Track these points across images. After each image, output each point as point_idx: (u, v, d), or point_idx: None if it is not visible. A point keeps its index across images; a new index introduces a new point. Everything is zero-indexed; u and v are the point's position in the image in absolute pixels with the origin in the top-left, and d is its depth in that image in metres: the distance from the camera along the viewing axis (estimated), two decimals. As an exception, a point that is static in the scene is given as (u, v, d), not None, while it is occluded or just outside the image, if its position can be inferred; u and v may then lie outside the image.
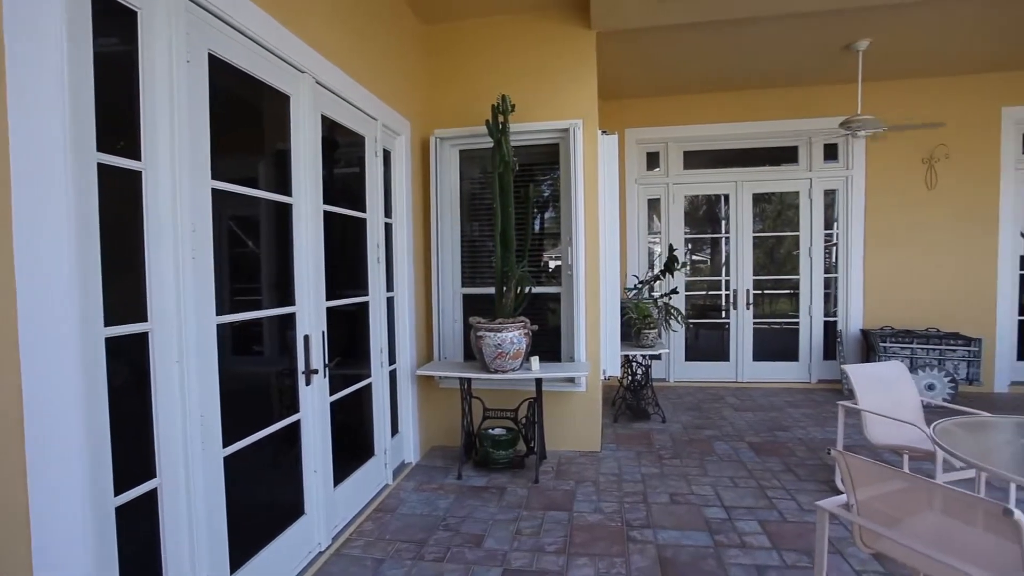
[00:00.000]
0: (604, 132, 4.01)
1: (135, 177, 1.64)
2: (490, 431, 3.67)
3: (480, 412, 3.70)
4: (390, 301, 3.58)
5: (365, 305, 3.21)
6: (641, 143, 5.95)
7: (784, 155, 5.85)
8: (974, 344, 4.91)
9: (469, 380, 3.66)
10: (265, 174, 2.40)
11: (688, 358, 6.01)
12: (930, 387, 4.92)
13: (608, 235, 4.02)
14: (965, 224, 5.51)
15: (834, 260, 5.82)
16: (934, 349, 4.95)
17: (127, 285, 1.66)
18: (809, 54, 4.78)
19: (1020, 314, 5.59)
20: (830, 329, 5.81)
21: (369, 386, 3.24)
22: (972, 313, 5.50)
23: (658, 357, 5.60)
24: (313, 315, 2.51)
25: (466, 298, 4.17)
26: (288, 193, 2.41)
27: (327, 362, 2.62)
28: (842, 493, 1.91)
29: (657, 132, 5.86)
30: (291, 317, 2.43)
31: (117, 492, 1.54)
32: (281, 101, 2.38)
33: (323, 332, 2.59)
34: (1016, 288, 5.55)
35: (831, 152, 5.74)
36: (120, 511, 1.55)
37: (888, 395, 3.14)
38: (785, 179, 5.83)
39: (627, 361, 4.76)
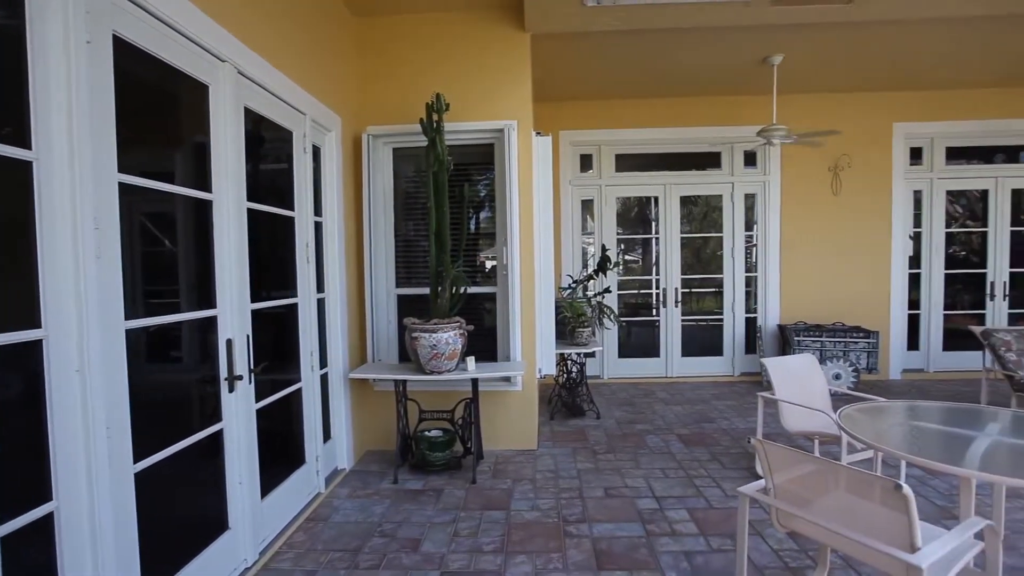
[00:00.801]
0: (539, 133, 4.06)
1: (24, 168, 1.48)
2: (426, 433, 3.62)
3: (416, 414, 3.65)
4: (321, 302, 3.46)
5: (294, 307, 3.08)
6: (575, 145, 6.08)
7: (709, 160, 6.16)
8: (873, 337, 5.37)
9: (404, 382, 3.60)
10: (183, 168, 2.25)
11: (621, 355, 6.21)
12: (837, 376, 5.34)
13: (543, 235, 4.07)
14: (865, 227, 6.03)
15: (754, 260, 6.20)
16: (840, 342, 5.38)
17: (15, 289, 1.49)
18: (730, 66, 5.07)
19: (910, 309, 6.19)
20: (751, 325, 6.18)
21: (299, 391, 3.11)
22: (871, 308, 6.03)
23: (592, 355, 5.74)
24: (237, 318, 2.38)
25: (401, 299, 4.09)
26: (208, 189, 2.26)
27: (252, 367, 2.49)
28: (762, 478, 2.03)
29: (590, 135, 6.01)
30: (212, 320, 2.29)
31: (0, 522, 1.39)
32: (199, 91, 2.24)
33: (248, 336, 2.46)
34: (906, 286, 6.14)
35: (751, 159, 6.10)
36: (5, 542, 1.39)
37: (801, 385, 3.37)
38: (710, 183, 6.15)
39: (562, 359, 4.85)
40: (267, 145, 2.94)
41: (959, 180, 6.21)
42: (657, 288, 6.21)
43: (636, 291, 6.36)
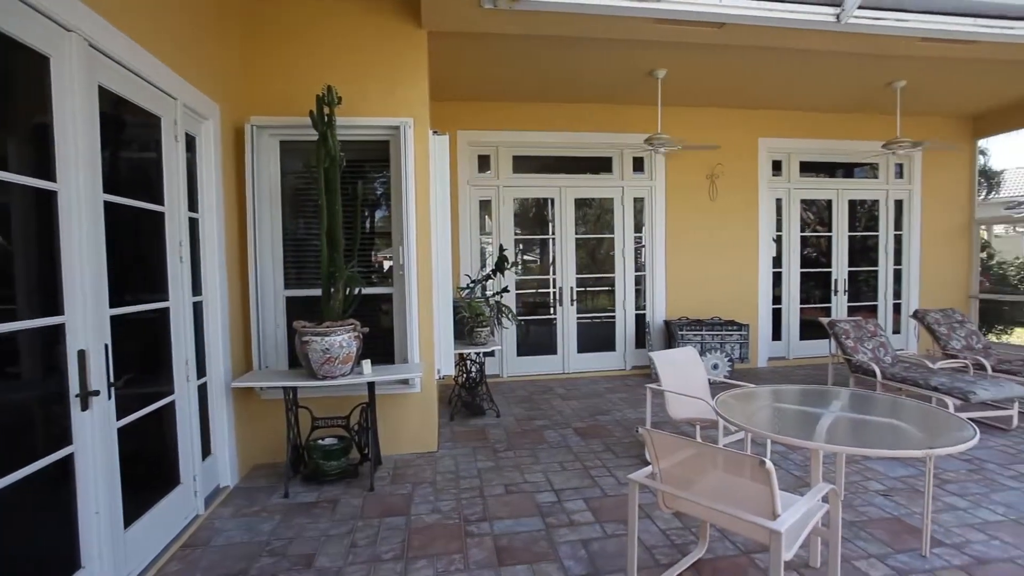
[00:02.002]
0: (436, 132, 4.02)
1: None
2: (320, 442, 3.44)
3: (308, 422, 3.45)
4: (198, 306, 3.16)
5: (165, 311, 2.78)
6: (473, 145, 6.10)
7: (601, 165, 6.47)
8: (744, 329, 5.95)
9: (295, 389, 3.40)
10: (17, 154, 1.94)
11: (520, 353, 6.33)
12: (715, 367, 5.84)
13: (440, 235, 4.04)
14: (736, 230, 6.66)
15: (643, 260, 6.60)
16: (717, 335, 5.89)
17: None
18: (621, 77, 5.36)
19: (774, 304, 6.93)
20: (641, 321, 6.57)
21: (172, 404, 2.82)
22: (743, 304, 6.68)
23: (491, 354, 5.79)
24: (91, 325, 2.10)
25: (291, 301, 3.86)
26: (51, 178, 1.97)
27: (113, 381, 2.21)
28: (650, 465, 2.17)
29: (489, 136, 6.06)
30: (59, 329, 2.00)
31: None
32: (37, 63, 1.94)
33: (106, 345, 2.18)
34: (770, 283, 6.87)
35: (639, 165, 6.50)
36: None
37: (684, 376, 3.65)
38: (602, 187, 6.46)
39: (461, 359, 4.85)
40: (130, 131, 2.63)
41: (810, 191, 7.07)
42: (554, 287, 6.42)
43: (534, 290, 6.52)
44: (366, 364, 3.37)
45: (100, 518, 2.13)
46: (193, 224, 3.11)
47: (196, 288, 3.13)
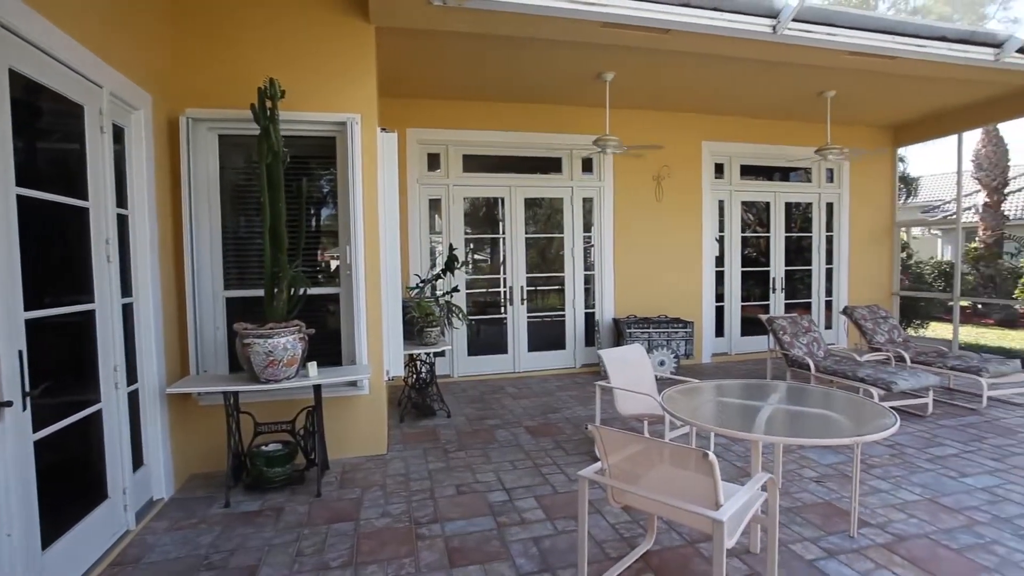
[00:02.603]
0: (384, 129, 3.94)
1: None
2: (263, 448, 3.31)
3: (251, 428, 3.32)
4: (129, 308, 2.98)
5: (90, 314, 2.60)
6: (422, 143, 6.02)
7: (551, 165, 6.53)
8: (689, 327, 6.15)
9: (236, 394, 3.25)
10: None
11: (471, 353, 6.30)
12: (662, 363, 6.01)
13: (389, 234, 3.97)
14: (681, 230, 6.88)
15: (592, 259, 6.71)
16: (664, 332, 6.07)
17: None
18: (570, 78, 5.43)
19: (716, 302, 7.21)
20: (590, 319, 6.68)
21: (98, 414, 2.64)
22: (688, 302, 6.91)
23: (442, 354, 5.74)
24: (3, 330, 1.93)
25: (232, 302, 3.69)
26: (-44, 169, 1.80)
27: (28, 390, 2.05)
28: (599, 461, 2.20)
29: (438, 134, 6.00)
30: (-34, 334, 1.83)
31: None
32: (-60, 45, 1.77)
33: (21, 351, 2.02)
34: (714, 282, 7.14)
35: (588, 166, 6.60)
36: None
37: (632, 373, 3.73)
38: (552, 187, 6.52)
39: (411, 360, 4.78)
40: (49, 120, 2.45)
41: (750, 193, 7.39)
42: (504, 287, 6.43)
43: (485, 290, 6.51)
44: (312, 366, 3.27)
45: (12, 540, 1.96)
46: (123, 221, 2.92)
47: (126, 289, 2.95)
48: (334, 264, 4.00)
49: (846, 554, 2.52)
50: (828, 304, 7.78)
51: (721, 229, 7.24)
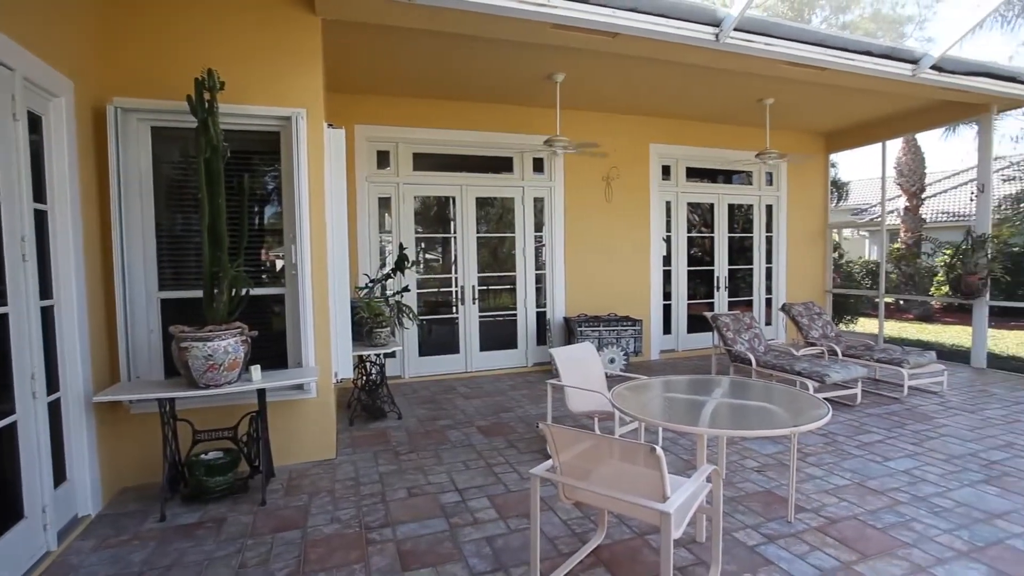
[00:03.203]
0: (331, 125, 3.84)
1: None
2: (203, 456, 3.15)
3: (189, 436, 3.15)
4: (48, 311, 2.76)
5: (3, 318, 2.40)
6: (372, 141, 5.90)
7: (502, 164, 6.54)
8: (638, 324, 6.30)
9: (172, 400, 3.08)
10: None
11: (422, 353, 6.23)
12: (612, 361, 6.13)
13: (337, 233, 3.86)
14: (630, 230, 7.04)
15: (544, 259, 6.76)
16: (613, 330, 6.19)
17: None
18: (522, 78, 5.45)
19: (664, 300, 7.42)
20: (542, 318, 6.73)
21: (12, 426, 2.43)
22: (636, 300, 7.08)
23: (392, 355, 5.66)
24: (-100, 336, 1.75)
25: (167, 303, 3.49)
26: None
27: (-69, 401, 1.86)
28: (551, 459, 2.22)
29: (388, 131, 5.89)
30: None
31: None
32: None
33: (-78, 359, 1.83)
34: (661, 280, 7.34)
35: (539, 166, 6.65)
36: None
37: (583, 371, 3.79)
38: (503, 186, 6.53)
39: (361, 361, 4.68)
40: (-47, 107, 2.24)
41: (695, 195, 7.64)
42: (456, 286, 6.39)
43: (436, 289, 6.45)
44: (255, 370, 3.14)
45: (-85, 565, 1.78)
46: (41, 217, 2.71)
47: (46, 290, 2.74)
48: (279, 264, 3.86)
49: (784, 539, 2.64)
50: (768, 301, 8.16)
51: (668, 229, 7.46)
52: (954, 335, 10.19)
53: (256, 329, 3.17)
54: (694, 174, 7.65)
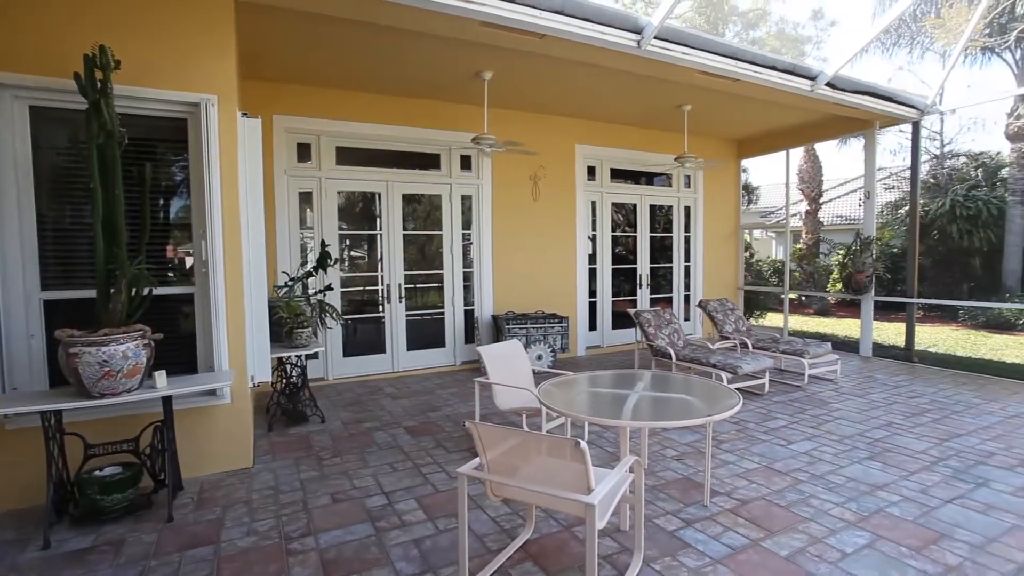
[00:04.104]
0: (245, 115, 3.62)
1: None
2: (97, 473, 2.87)
3: (81, 452, 2.86)
4: (-99, 315, 2.41)
5: None
6: (291, 132, 5.62)
7: (430, 161, 6.45)
8: (565, 322, 6.43)
9: (58, 412, 2.78)
10: None
11: (346, 354, 6.02)
12: (539, 357, 6.21)
13: (253, 228, 3.65)
14: (557, 229, 7.17)
15: (472, 257, 6.74)
16: (541, 327, 6.28)
17: None
18: (450, 75, 5.39)
19: (590, 297, 7.62)
20: (469, 316, 6.71)
21: None
22: (563, 297, 7.22)
23: (315, 356, 5.44)
24: None
25: (52, 305, 3.15)
26: None
27: None
28: (479, 457, 2.21)
29: (310, 123, 5.64)
30: None
31: None
32: None
33: None
34: (587, 278, 7.54)
35: (466, 163, 6.61)
36: None
37: (510, 368, 3.81)
38: (430, 183, 6.43)
39: (280, 364, 4.46)
40: None
41: (619, 195, 7.91)
42: (382, 284, 6.22)
43: (362, 288, 6.26)
44: (160, 376, 2.90)
45: None
46: None
47: (-101, 291, 2.39)
48: (189, 261, 3.59)
49: (701, 522, 2.79)
50: (687, 298, 8.59)
51: (594, 228, 7.67)
52: (847, 327, 11.21)
53: (161, 332, 2.93)
54: (618, 175, 7.91)
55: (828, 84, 5.77)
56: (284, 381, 4.47)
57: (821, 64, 6.01)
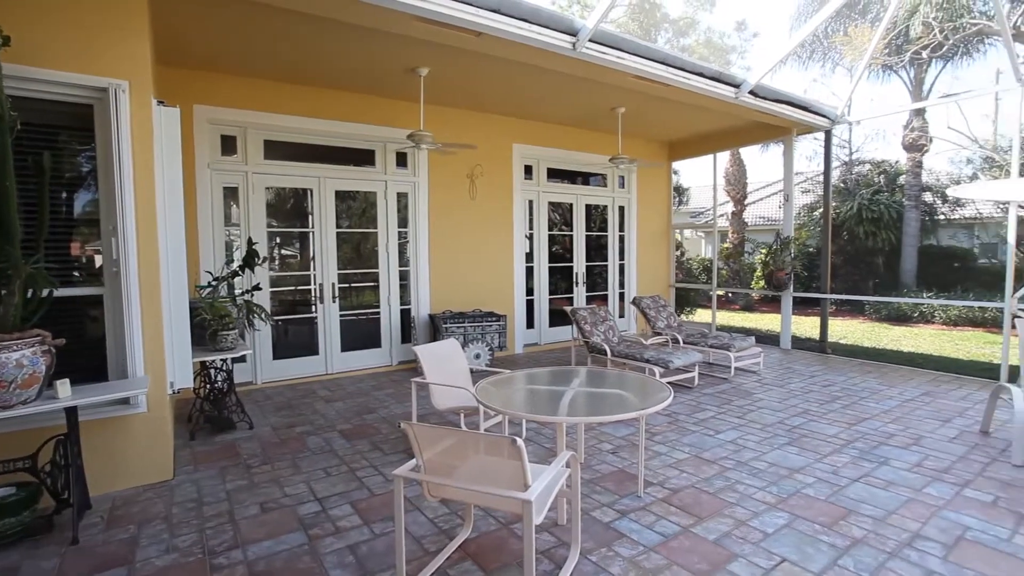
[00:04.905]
0: (162, 103, 3.38)
1: None
2: (-13, 494, 2.59)
3: (-33, 471, 2.57)
4: None
5: None
6: (215, 124, 5.31)
7: (364, 157, 6.28)
8: (502, 320, 6.45)
9: (-59, 429, 2.49)
10: None
11: (277, 356, 5.76)
12: (477, 356, 6.20)
13: (171, 224, 3.42)
14: (494, 227, 7.19)
15: (408, 255, 6.62)
16: (479, 326, 6.27)
17: None
18: (385, 69, 5.26)
19: (527, 295, 7.69)
20: (406, 316, 6.60)
21: None
22: (501, 296, 7.25)
23: (242, 359, 5.18)
24: None
25: (-68, 309, 2.81)
26: None
27: None
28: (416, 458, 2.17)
29: (235, 114, 5.35)
30: None
31: None
32: None
33: None
34: (524, 276, 7.60)
35: (402, 160, 6.49)
36: None
37: (448, 367, 3.78)
38: (365, 180, 6.27)
39: (203, 368, 4.20)
40: None
41: (556, 194, 8.02)
42: (315, 283, 6.00)
43: (293, 287, 6.01)
44: (62, 385, 2.66)
45: None
46: None
47: None
48: (99, 260, 3.31)
49: (635, 512, 2.88)
50: (621, 295, 8.85)
51: (531, 227, 7.74)
52: (769, 322, 11.94)
53: (65, 337, 2.68)
54: (555, 175, 8.02)
55: (751, 92, 6.11)
56: (208, 386, 4.22)
57: (745, 73, 6.36)
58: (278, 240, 6.00)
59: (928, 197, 14.19)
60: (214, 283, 4.24)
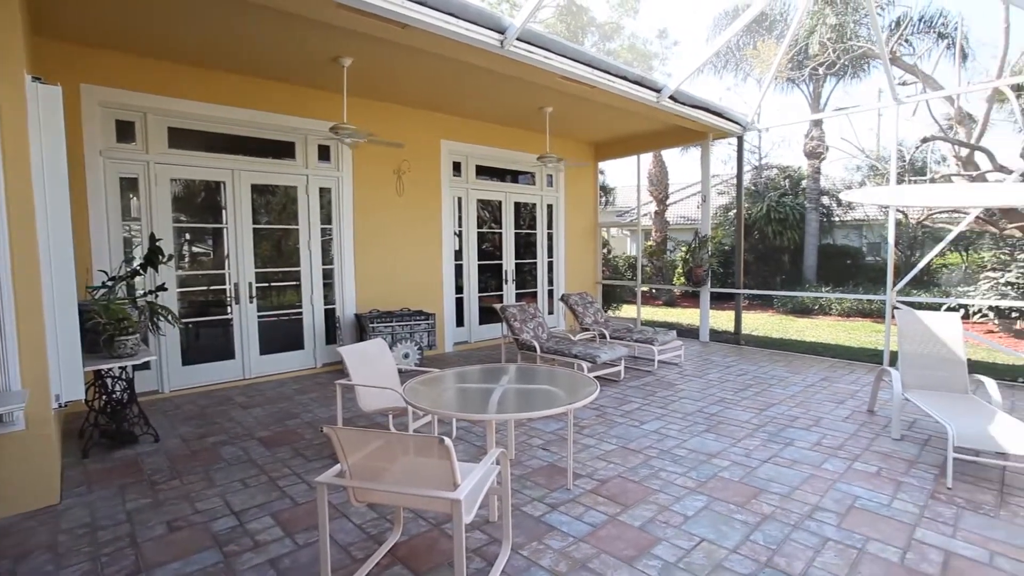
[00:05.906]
0: (39, 80, 3.01)
1: None
2: None
3: None
4: None
5: None
6: (108, 107, 4.82)
7: (283, 149, 5.95)
8: (431, 318, 6.35)
9: None
10: None
11: (186, 362, 5.34)
12: (406, 355, 6.07)
13: (54, 218, 3.06)
14: (422, 224, 7.06)
15: (332, 253, 6.36)
16: (407, 325, 6.13)
17: None
18: (304, 57, 5.01)
19: (456, 293, 7.62)
20: (331, 316, 6.34)
21: None
22: (429, 294, 7.13)
23: (145, 367, 4.77)
24: None
25: None
26: None
27: None
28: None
29: (133, 97, 4.88)
30: None
31: None
32: None
33: None
34: (453, 274, 7.53)
35: (325, 153, 6.22)
36: None
37: (374, 368, 3.65)
38: (284, 173, 5.94)
39: (99, 377, 3.81)
40: None
41: (485, 192, 8.00)
42: (230, 283, 5.62)
43: (205, 287, 5.59)
44: (-82, 401, 2.31)
45: None
46: None
47: None
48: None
49: (565, 504, 2.91)
50: (550, 293, 8.97)
51: (460, 225, 7.67)
52: (689, 316, 12.55)
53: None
54: (484, 172, 8.00)
55: (671, 97, 6.37)
56: (104, 398, 3.83)
57: (666, 79, 6.63)
58: (188, 236, 5.57)
59: (826, 200, 15.47)
60: (109, 283, 3.85)
